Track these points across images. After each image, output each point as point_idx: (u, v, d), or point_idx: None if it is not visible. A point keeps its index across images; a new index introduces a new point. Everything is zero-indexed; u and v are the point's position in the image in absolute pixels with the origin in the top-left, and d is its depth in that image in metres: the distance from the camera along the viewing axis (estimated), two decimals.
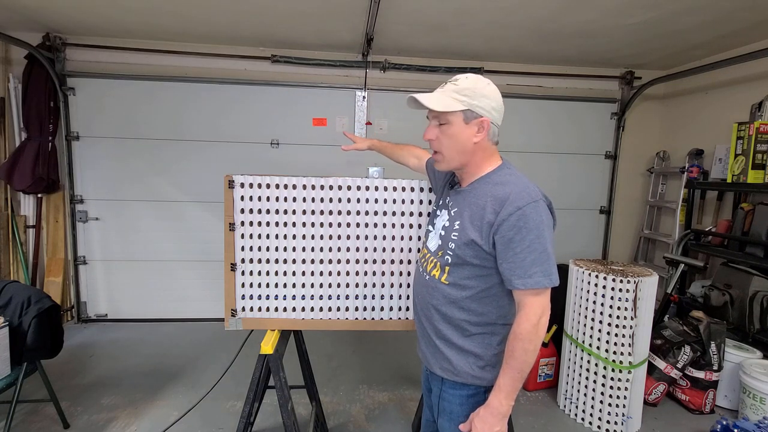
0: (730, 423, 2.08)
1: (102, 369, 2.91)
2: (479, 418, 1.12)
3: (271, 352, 1.57)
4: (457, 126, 1.12)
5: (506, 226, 1.06)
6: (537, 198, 1.08)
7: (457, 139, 1.13)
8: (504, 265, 1.09)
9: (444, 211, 1.25)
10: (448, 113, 1.12)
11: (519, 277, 1.06)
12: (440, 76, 3.74)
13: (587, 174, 4.10)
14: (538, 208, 1.07)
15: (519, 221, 1.05)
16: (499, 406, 1.09)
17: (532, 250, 1.05)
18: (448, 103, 1.11)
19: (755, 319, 2.67)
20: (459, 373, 1.20)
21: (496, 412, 1.09)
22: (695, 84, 3.67)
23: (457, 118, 1.12)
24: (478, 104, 1.11)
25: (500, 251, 1.09)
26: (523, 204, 1.05)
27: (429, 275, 1.25)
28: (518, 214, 1.05)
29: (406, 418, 2.45)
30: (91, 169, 3.59)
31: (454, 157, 1.16)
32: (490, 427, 1.10)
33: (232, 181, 1.65)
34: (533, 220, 1.05)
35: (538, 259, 1.05)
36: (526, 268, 1.05)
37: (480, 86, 1.12)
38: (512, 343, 1.09)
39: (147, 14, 2.91)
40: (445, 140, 1.15)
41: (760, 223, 2.77)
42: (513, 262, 1.07)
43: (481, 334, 1.19)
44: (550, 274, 1.06)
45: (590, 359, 2.39)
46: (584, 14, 2.67)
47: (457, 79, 1.14)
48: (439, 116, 1.14)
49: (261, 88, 3.66)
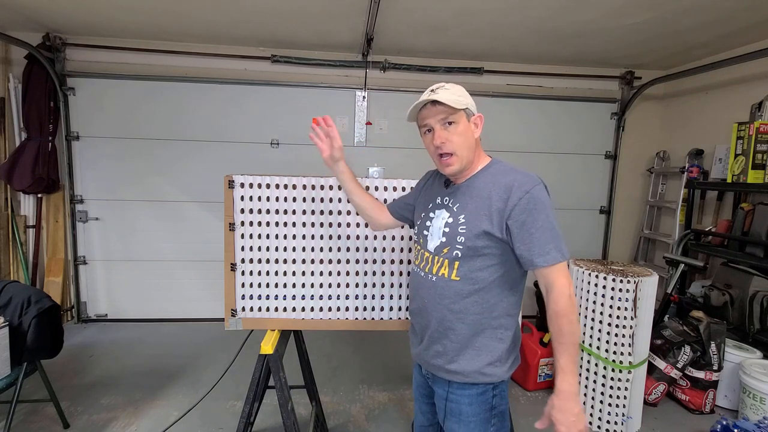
0: (730, 423, 2.08)
1: (102, 369, 2.91)
2: (557, 409, 1.10)
3: (271, 352, 1.57)
4: (463, 124, 1.19)
5: (518, 210, 1.12)
6: (538, 181, 1.17)
7: (465, 135, 1.19)
8: (522, 247, 1.14)
9: (440, 210, 1.26)
10: (455, 113, 1.18)
11: (539, 255, 1.12)
12: (440, 76, 3.74)
13: (587, 174, 4.10)
14: (542, 190, 1.16)
15: (529, 204, 1.12)
16: (569, 388, 1.10)
17: (545, 229, 1.12)
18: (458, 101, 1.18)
19: (755, 319, 2.67)
20: (468, 375, 1.21)
21: (569, 395, 1.10)
22: (695, 84, 3.67)
23: (462, 117, 1.19)
24: (471, 103, 1.20)
25: (515, 234, 1.14)
26: (529, 188, 1.13)
27: (436, 276, 1.24)
28: (527, 198, 1.12)
29: (406, 418, 2.45)
30: (91, 169, 3.59)
31: (465, 154, 1.20)
32: (570, 412, 1.09)
33: (232, 181, 1.65)
34: (541, 201, 1.13)
35: (551, 236, 1.12)
36: (543, 245, 1.12)
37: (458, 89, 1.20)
38: (557, 322, 1.11)
39: (147, 14, 2.91)
40: (455, 139, 1.18)
41: (760, 223, 2.77)
42: (530, 242, 1.12)
43: (494, 329, 1.21)
44: (562, 249, 1.13)
45: (590, 359, 2.39)
46: (584, 14, 2.67)
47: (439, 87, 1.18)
48: (447, 117, 1.17)
49: (261, 88, 3.66)
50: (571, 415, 1.09)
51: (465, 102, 1.18)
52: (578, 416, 1.09)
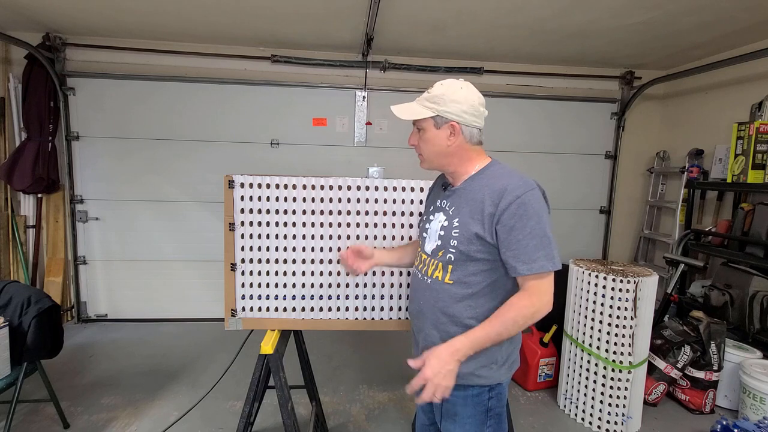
0: (730, 423, 2.08)
1: (102, 369, 2.91)
2: (434, 354, 1.09)
3: (271, 352, 1.57)
4: (429, 131, 1.20)
5: (507, 215, 1.10)
6: (533, 187, 1.13)
7: (432, 143, 1.20)
8: (507, 253, 1.11)
9: (438, 213, 1.27)
10: (421, 120, 1.20)
11: (523, 262, 1.09)
12: (440, 76, 3.74)
13: (587, 174, 4.10)
14: (535, 195, 1.12)
15: (519, 209, 1.09)
16: (460, 348, 1.09)
17: (534, 236, 1.08)
18: (417, 111, 1.20)
19: (755, 319, 2.67)
20: (462, 377, 1.19)
21: (454, 350, 1.08)
22: (695, 84, 3.67)
23: (428, 124, 1.20)
24: (447, 109, 1.16)
25: (503, 240, 1.11)
26: (521, 193, 1.10)
27: (431, 278, 1.24)
28: (518, 203, 1.09)
29: (406, 418, 2.45)
30: (91, 169, 3.59)
31: (433, 159, 1.23)
32: (443, 363, 1.07)
33: (232, 181, 1.65)
34: (532, 207, 1.09)
35: (541, 243, 1.09)
36: (530, 253, 1.08)
37: (450, 92, 1.17)
38: (506, 309, 1.11)
39: (147, 14, 2.91)
40: (422, 144, 1.23)
41: (760, 223, 2.77)
42: (516, 249, 1.09)
43: None
44: (552, 257, 1.09)
45: (590, 359, 2.39)
46: (584, 14, 2.67)
47: (432, 86, 1.21)
48: (416, 123, 1.23)
49: (261, 88, 3.65)
50: (445, 365, 1.07)
51: (433, 110, 1.16)
52: (448, 372, 1.07)
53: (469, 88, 1.19)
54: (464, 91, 1.18)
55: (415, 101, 1.23)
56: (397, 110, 1.24)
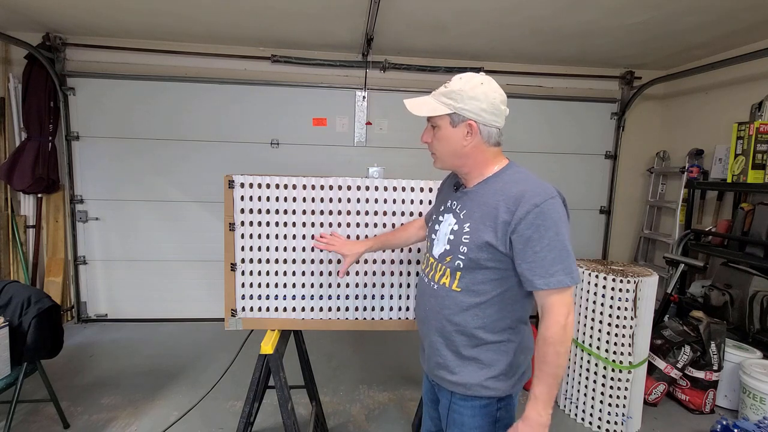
0: (730, 423, 2.08)
1: (102, 369, 2.91)
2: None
3: (271, 352, 1.57)
4: (445, 129, 1.12)
5: (524, 225, 1.02)
6: (553, 194, 1.05)
7: (447, 141, 1.13)
8: (523, 265, 1.04)
9: (449, 215, 1.20)
10: (436, 116, 1.12)
11: (540, 276, 1.02)
12: (440, 76, 3.74)
13: (587, 174, 4.10)
14: (555, 204, 1.04)
15: (537, 219, 1.01)
16: (538, 418, 1.03)
17: (552, 248, 1.01)
18: (432, 107, 1.11)
19: (755, 319, 2.67)
20: (470, 388, 1.15)
21: (535, 424, 1.04)
22: (695, 84, 3.67)
23: (444, 122, 1.12)
24: (464, 107, 1.08)
25: (518, 251, 1.04)
26: (540, 201, 1.02)
27: (438, 284, 1.18)
28: (536, 212, 1.01)
29: (406, 418, 2.45)
30: (91, 169, 3.59)
31: (447, 159, 1.16)
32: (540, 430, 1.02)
33: (232, 181, 1.65)
34: (551, 218, 1.02)
35: (559, 257, 1.02)
36: (547, 267, 1.01)
37: (469, 87, 1.08)
38: (543, 349, 1.04)
39: (147, 14, 2.91)
40: (436, 143, 1.16)
41: (760, 223, 2.77)
42: (533, 261, 1.02)
43: (497, 343, 1.14)
44: (571, 272, 1.02)
45: (590, 359, 2.39)
46: (584, 14, 2.66)
47: (450, 80, 1.12)
48: (431, 119, 1.15)
49: (261, 88, 3.65)
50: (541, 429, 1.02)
51: (450, 107, 1.08)
52: None
53: (491, 84, 1.10)
54: (485, 87, 1.08)
55: (430, 95, 1.13)
56: (410, 104, 1.14)
